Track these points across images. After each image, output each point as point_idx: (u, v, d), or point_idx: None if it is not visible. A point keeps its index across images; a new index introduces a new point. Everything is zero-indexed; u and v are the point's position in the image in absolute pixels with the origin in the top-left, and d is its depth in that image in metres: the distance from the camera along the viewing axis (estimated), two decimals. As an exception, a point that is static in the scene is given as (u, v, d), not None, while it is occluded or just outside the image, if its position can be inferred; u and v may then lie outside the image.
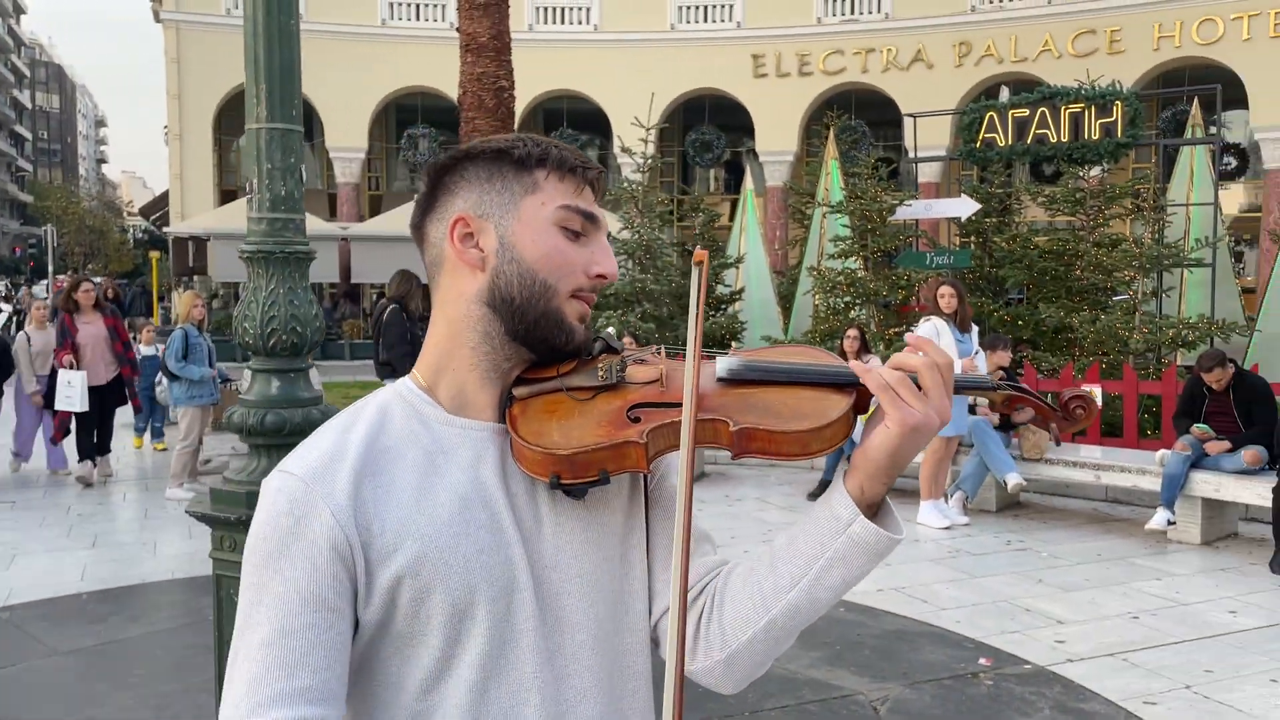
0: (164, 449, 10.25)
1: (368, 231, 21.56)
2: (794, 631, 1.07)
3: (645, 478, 1.14)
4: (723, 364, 1.05)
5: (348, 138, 26.05)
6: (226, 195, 26.82)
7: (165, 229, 25.52)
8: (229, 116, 27.18)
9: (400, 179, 30.02)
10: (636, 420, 1.02)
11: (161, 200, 31.77)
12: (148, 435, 10.59)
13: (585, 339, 1.09)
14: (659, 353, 1.13)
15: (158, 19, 26.78)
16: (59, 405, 8.44)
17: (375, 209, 27.40)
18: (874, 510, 1.02)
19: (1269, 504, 6.32)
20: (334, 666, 0.98)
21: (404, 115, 28.45)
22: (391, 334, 7.53)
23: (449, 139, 27.88)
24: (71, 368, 8.40)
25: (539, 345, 1.07)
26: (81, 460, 8.77)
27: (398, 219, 21.49)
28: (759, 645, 1.07)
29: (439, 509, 1.01)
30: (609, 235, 1.16)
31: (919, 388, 0.97)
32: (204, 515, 3.12)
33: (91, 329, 8.57)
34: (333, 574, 0.98)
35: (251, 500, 3.07)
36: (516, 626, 1.02)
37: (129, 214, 51.75)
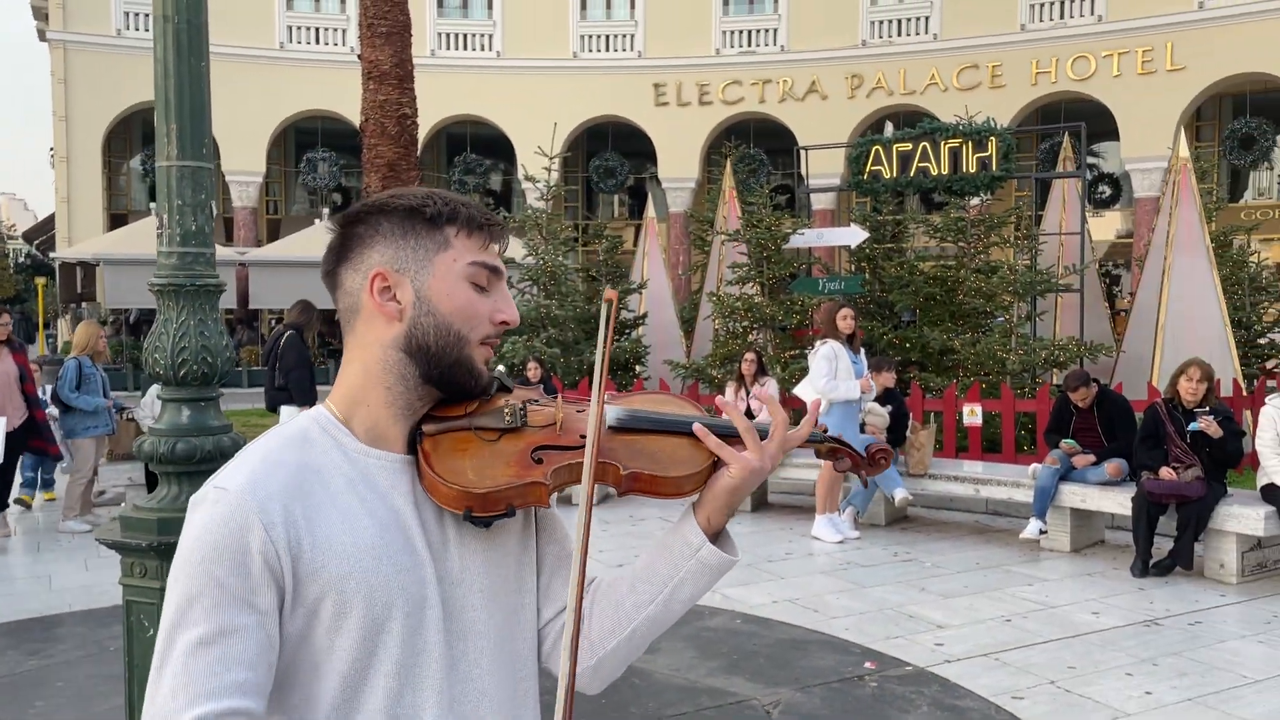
0: (53, 498, 9.33)
1: (266, 256, 21.23)
2: (651, 639, 1.26)
3: (536, 513, 1.29)
4: (612, 413, 1.19)
5: (245, 161, 25.63)
6: (116, 219, 26.08)
7: (51, 254, 24.66)
8: (118, 138, 26.46)
9: (299, 202, 29.61)
10: (540, 461, 1.15)
11: (47, 224, 30.66)
12: (37, 490, 9.22)
13: (490, 381, 1.20)
14: (553, 398, 1.26)
15: (43, 38, 25.98)
16: None
17: (273, 233, 26.96)
18: (716, 536, 1.21)
19: (1129, 513, 6.82)
20: (264, 666, 1.05)
21: (303, 138, 28.12)
22: (290, 357, 7.56)
23: (349, 163, 27.65)
24: None
25: (450, 387, 1.17)
26: None
27: (296, 244, 21.22)
28: (621, 652, 1.25)
29: (362, 532, 1.10)
30: (509, 281, 1.33)
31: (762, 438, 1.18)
32: (114, 543, 3.18)
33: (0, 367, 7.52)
34: (264, 583, 1.05)
35: (163, 527, 3.16)
36: (427, 638, 1.12)
37: (10, 237, 49.72)
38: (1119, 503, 6.99)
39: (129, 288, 19.37)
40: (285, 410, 7.56)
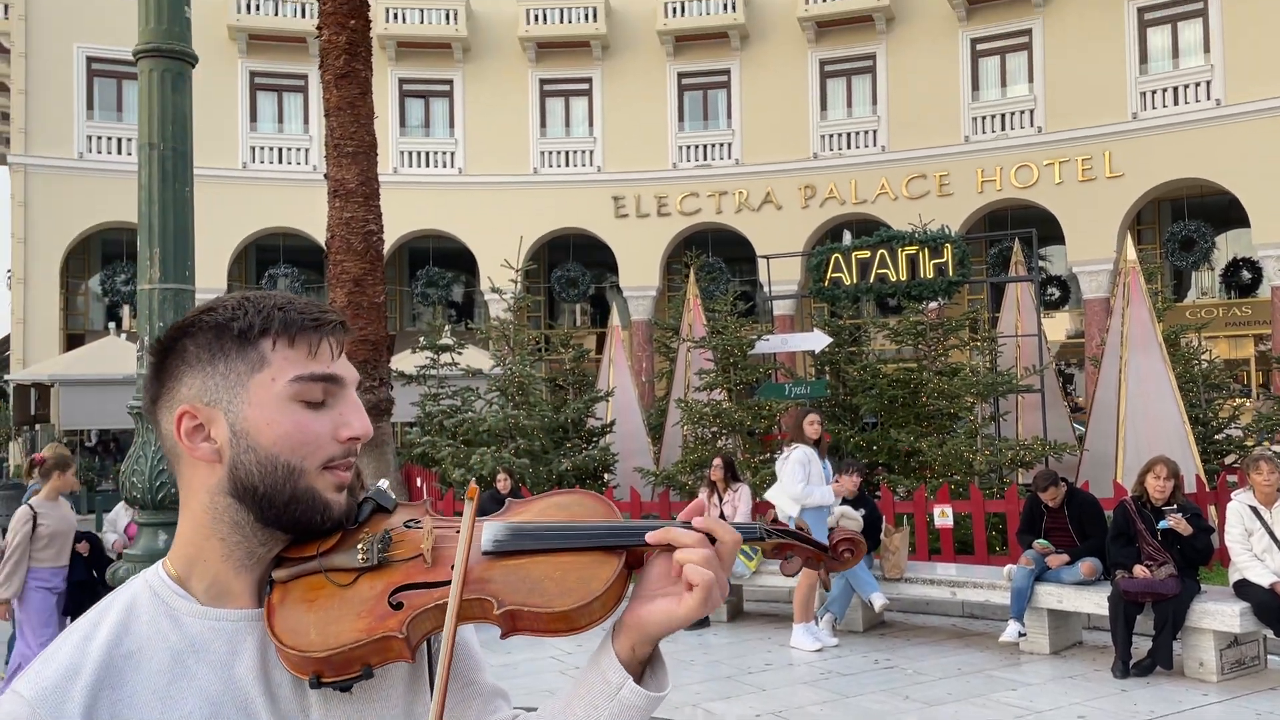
0: None
1: (227, 373, 21.03)
2: None
3: (429, 646, 1.06)
4: (488, 535, 1.00)
5: (206, 279, 25.60)
6: (73, 339, 25.81)
7: (5, 376, 24.26)
8: (77, 259, 26.39)
9: (260, 319, 29.54)
10: (399, 606, 0.96)
11: (1, 346, 30.22)
12: None
13: (347, 509, 1.02)
14: (433, 511, 1.07)
15: (3, 162, 26.09)
16: None
17: (234, 350, 26.79)
18: (645, 665, 0.99)
19: (1107, 612, 6.82)
20: None
21: (265, 255, 28.24)
22: None
23: (310, 278, 27.74)
24: None
25: (295, 527, 1.00)
26: None
27: (259, 360, 21.07)
28: None
29: (185, 719, 0.94)
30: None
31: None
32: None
33: None
34: None
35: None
36: None
37: (-40, 359, 48.95)
38: (1095, 603, 6.99)
39: (85, 409, 19.07)
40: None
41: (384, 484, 1.07)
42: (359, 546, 0.99)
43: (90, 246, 26.75)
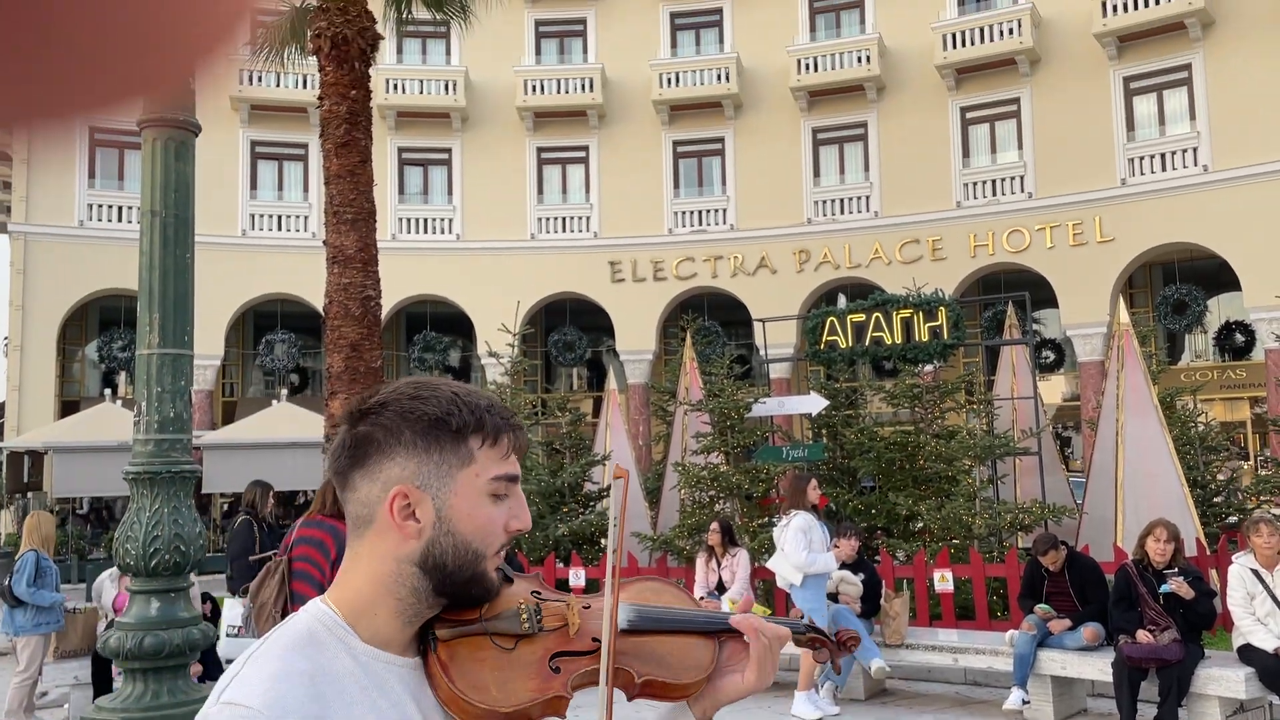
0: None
1: (221, 440, 20.98)
2: None
3: None
4: (623, 614, 1.16)
5: (203, 346, 25.64)
6: (68, 406, 25.76)
7: (-1, 442, 24.15)
8: (74, 326, 26.48)
9: (255, 384, 29.54)
10: (558, 671, 1.11)
11: (-5, 411, 30.11)
12: None
13: (500, 586, 1.16)
14: (543, 582, 1.23)
15: (3, 230, 26.31)
16: None
17: (229, 416, 26.75)
18: None
19: (1111, 679, 6.73)
20: None
21: (262, 321, 28.34)
22: (234, 546, 7.54)
23: (308, 344, 27.80)
24: None
25: (463, 600, 1.13)
26: None
27: (252, 427, 21.03)
28: None
29: None
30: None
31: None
32: (73, 747, 3.02)
33: None
34: None
35: (127, 728, 3.00)
36: None
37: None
38: (1099, 669, 6.90)
39: (78, 476, 18.96)
40: (227, 602, 7.32)
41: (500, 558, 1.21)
42: (519, 614, 1.13)
43: (88, 313, 26.86)
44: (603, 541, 12.33)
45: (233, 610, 3.81)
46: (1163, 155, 23.24)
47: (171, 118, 3.34)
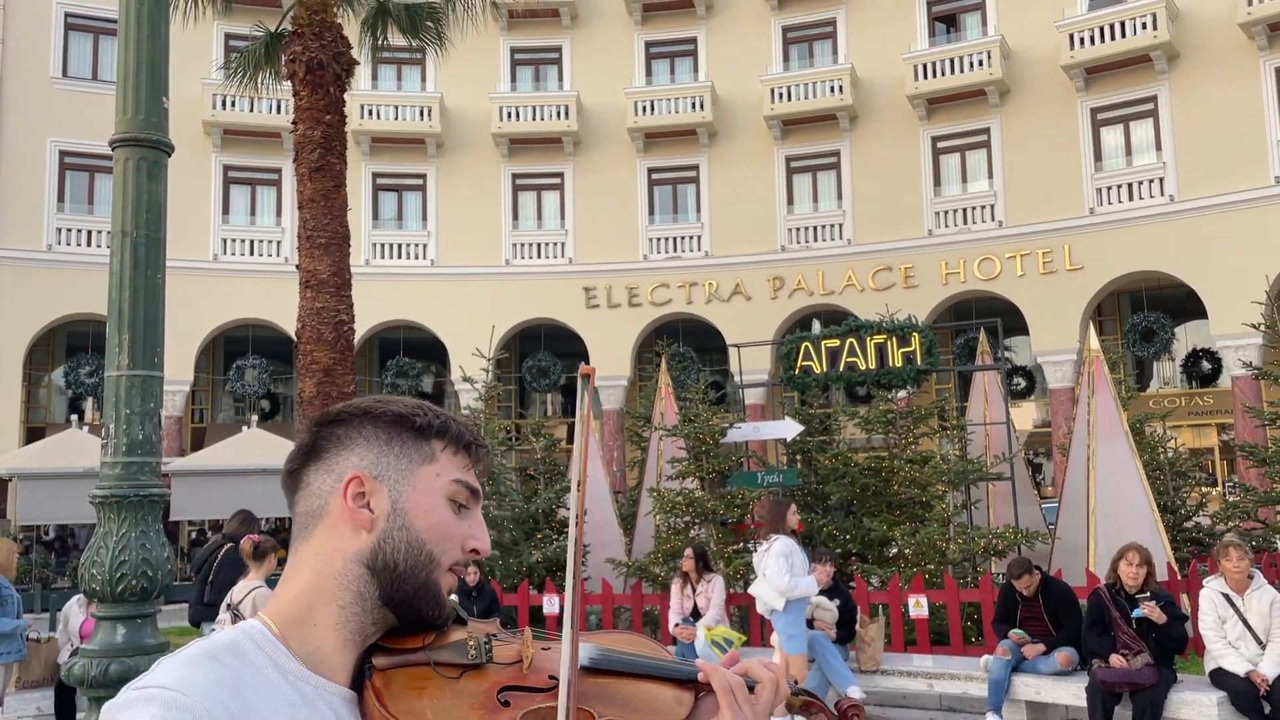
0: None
1: (190, 466, 20.71)
2: None
3: None
4: (585, 653, 1.08)
5: (173, 371, 25.36)
6: (34, 432, 25.38)
7: (-39, 468, 23.68)
8: (40, 351, 26.13)
9: (225, 409, 29.24)
10: (507, 704, 1.02)
11: (-42, 437, 29.57)
12: None
13: (450, 612, 1.10)
14: (506, 629, 1.15)
15: (-29, 252, 25.95)
16: None
17: (198, 442, 26.43)
18: None
19: (1085, 703, 6.74)
20: None
21: (233, 346, 28.10)
22: (223, 576, 7.33)
23: (279, 369, 27.58)
24: None
25: (409, 614, 1.07)
26: None
27: (222, 453, 20.78)
28: None
29: None
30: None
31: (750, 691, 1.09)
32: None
33: None
34: None
35: (90, 758, 2.93)
36: None
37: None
38: (1073, 694, 6.91)
39: (43, 503, 18.64)
40: (206, 627, 7.20)
41: (454, 599, 1.16)
42: (467, 644, 1.06)
43: (55, 339, 26.52)
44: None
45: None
46: (1130, 185, 23.62)
47: (144, 137, 3.32)
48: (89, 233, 25.28)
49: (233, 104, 25.84)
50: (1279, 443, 13.43)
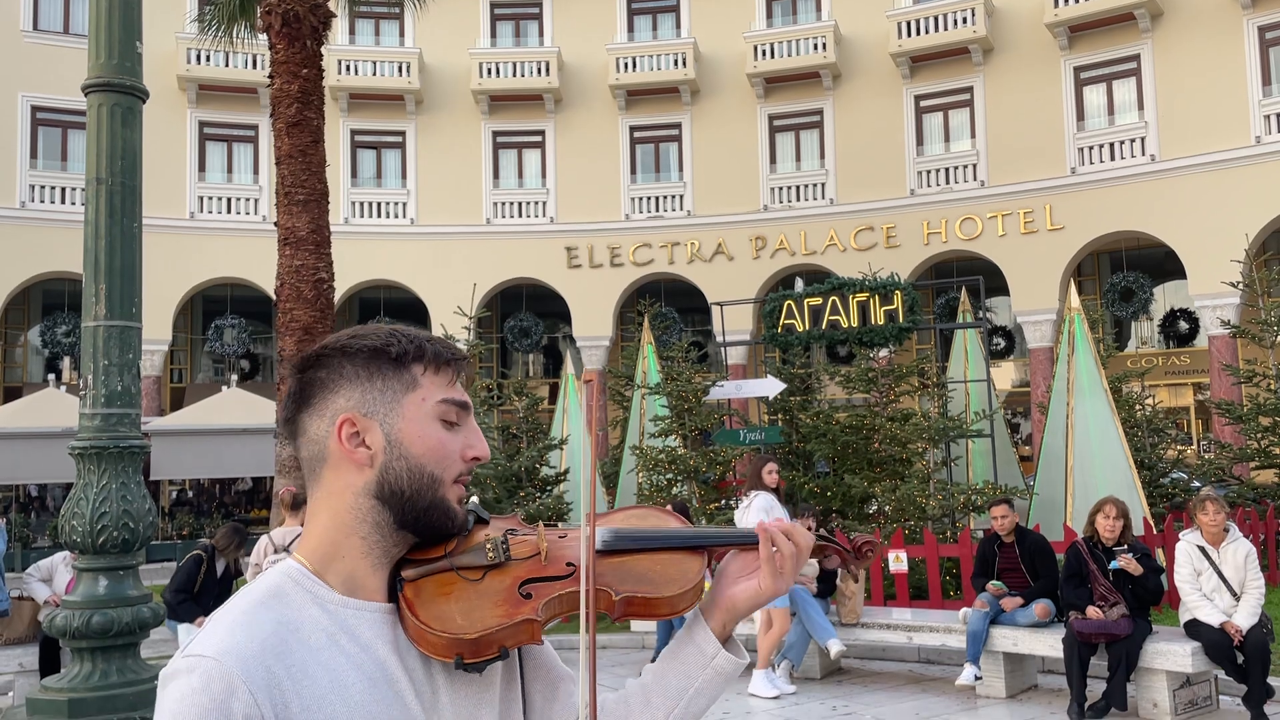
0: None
1: (169, 426, 20.60)
2: None
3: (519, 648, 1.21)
4: (598, 536, 1.14)
5: (151, 330, 25.05)
6: (10, 392, 25.14)
7: (-64, 428, 23.45)
8: (15, 311, 25.82)
9: (204, 370, 29.04)
10: (529, 596, 1.10)
11: (-67, 397, 29.29)
12: None
13: (466, 518, 1.16)
14: (524, 521, 1.21)
15: (-58, 209, 25.51)
16: None
17: (177, 402, 26.26)
18: (724, 642, 1.20)
19: (1061, 654, 6.84)
20: None
21: (211, 306, 27.85)
22: (178, 578, 7.58)
23: (258, 329, 27.38)
24: None
25: (426, 531, 1.13)
26: None
27: (201, 413, 20.68)
28: None
29: (350, 689, 1.04)
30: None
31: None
32: (19, 728, 2.93)
33: None
34: None
35: (75, 708, 2.92)
36: None
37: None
38: (1050, 645, 7.02)
39: (21, 462, 18.52)
40: (181, 628, 7.28)
41: (475, 500, 1.21)
42: (485, 546, 1.13)
43: (30, 297, 26.20)
44: (560, 525, 12.29)
45: (189, 636, 3.72)
46: (1112, 145, 23.63)
47: (118, 82, 3.24)
48: (63, 189, 24.89)
49: (207, 59, 25.37)
50: (1254, 400, 13.59)
